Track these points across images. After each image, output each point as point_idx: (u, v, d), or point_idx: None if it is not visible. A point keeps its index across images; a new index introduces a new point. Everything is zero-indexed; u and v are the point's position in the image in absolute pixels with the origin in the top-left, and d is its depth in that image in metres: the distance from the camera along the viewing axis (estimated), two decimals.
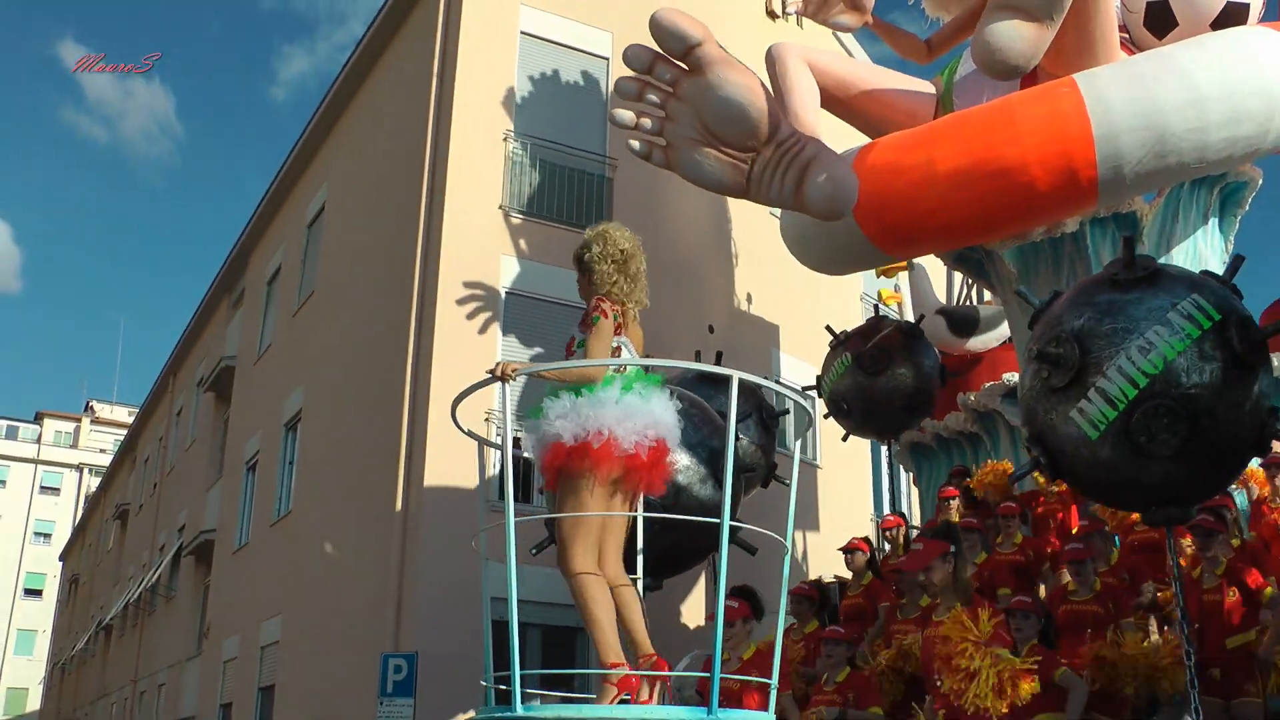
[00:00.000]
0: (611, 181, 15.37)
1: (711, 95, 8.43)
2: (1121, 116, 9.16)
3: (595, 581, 5.23)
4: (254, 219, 23.46)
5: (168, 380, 33.47)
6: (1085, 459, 6.57)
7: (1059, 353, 6.54)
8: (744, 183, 8.96)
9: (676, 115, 8.69)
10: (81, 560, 49.20)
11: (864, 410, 12.41)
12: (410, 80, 16.12)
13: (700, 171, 8.95)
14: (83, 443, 70.09)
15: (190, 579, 25.63)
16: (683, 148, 8.85)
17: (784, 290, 17.08)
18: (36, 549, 65.67)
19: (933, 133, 10.17)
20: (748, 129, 8.58)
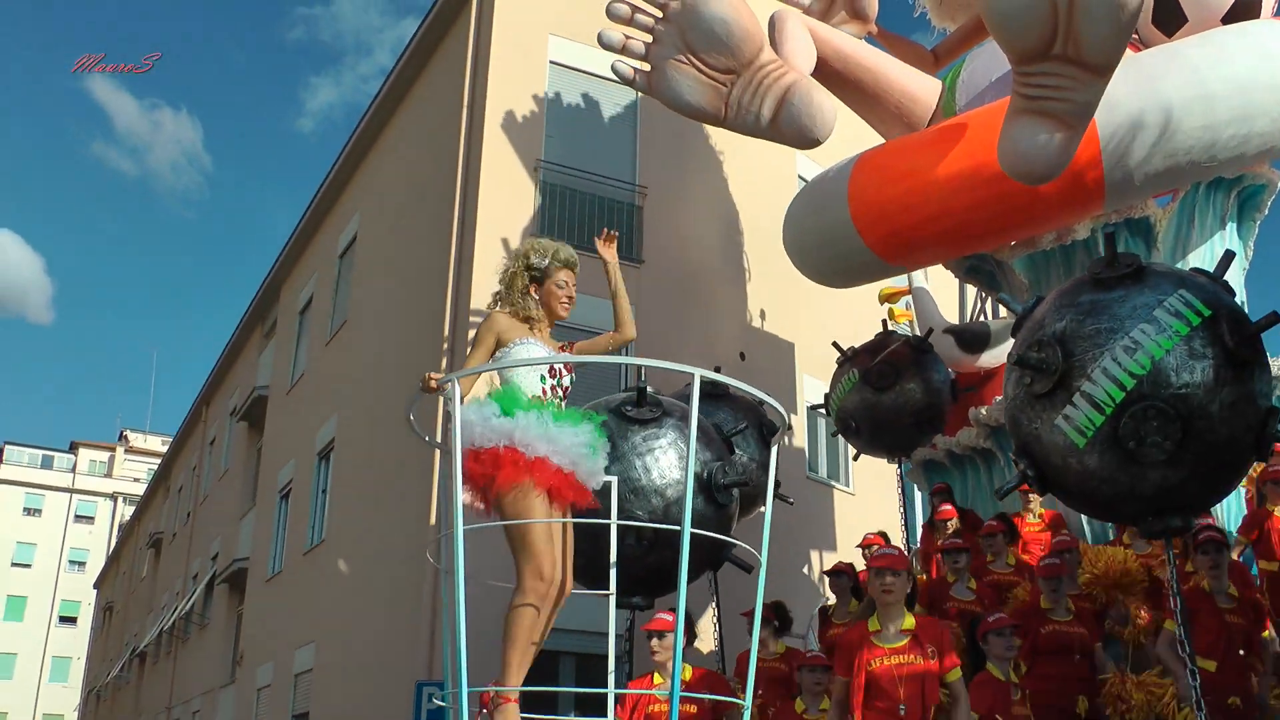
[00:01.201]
0: (641, 210, 15.43)
1: (697, 12, 8.35)
2: (1127, 114, 8.87)
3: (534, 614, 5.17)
4: (286, 249, 23.64)
5: (201, 410, 33.69)
6: (1074, 469, 6.27)
7: (1041, 357, 6.27)
8: (722, 106, 8.77)
9: (662, 38, 8.60)
10: (115, 588, 49.47)
11: (872, 427, 12.12)
12: (440, 110, 16.24)
13: (681, 94, 8.78)
14: (117, 472, 70.56)
15: (223, 607, 25.74)
16: (666, 69, 8.71)
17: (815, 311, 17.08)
18: (71, 577, 66.06)
19: (934, 137, 9.90)
20: (731, 47, 8.46)
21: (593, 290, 14.15)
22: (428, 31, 17.03)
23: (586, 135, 15.52)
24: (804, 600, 13.11)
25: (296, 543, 19.82)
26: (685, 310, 15.37)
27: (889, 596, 6.31)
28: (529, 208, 14.63)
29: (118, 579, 49.28)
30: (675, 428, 8.47)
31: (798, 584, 15.11)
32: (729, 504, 8.72)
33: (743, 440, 10.43)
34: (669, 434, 8.40)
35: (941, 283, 16.12)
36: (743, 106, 8.69)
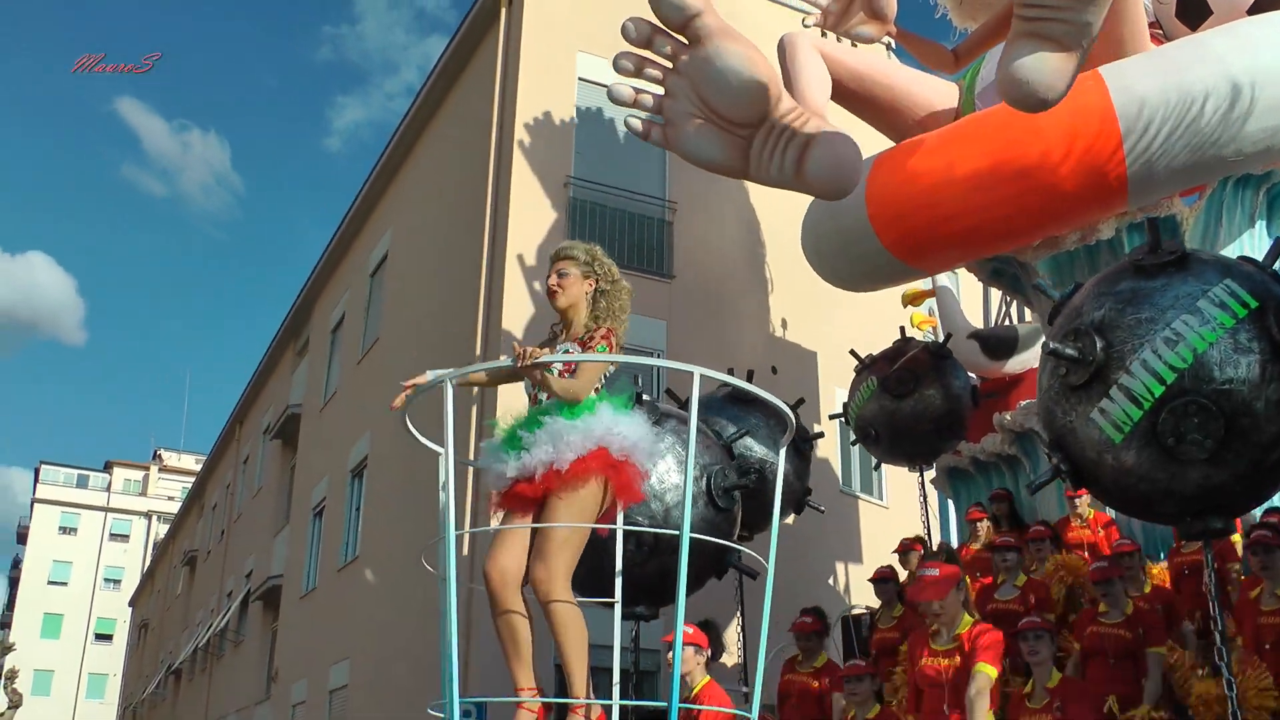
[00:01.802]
0: (671, 225, 15.47)
1: (709, 66, 7.97)
2: (1150, 108, 8.57)
3: (580, 616, 4.91)
4: (318, 268, 23.80)
5: (234, 428, 33.92)
6: (1110, 465, 5.98)
7: (1078, 347, 5.96)
8: (744, 160, 8.47)
9: (675, 91, 8.22)
10: (151, 605, 49.79)
11: (892, 435, 11.87)
12: (470, 128, 16.34)
13: (700, 149, 8.45)
14: (151, 491, 71.05)
15: (258, 624, 25.86)
16: (682, 125, 8.35)
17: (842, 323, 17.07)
18: (107, 594, 66.54)
19: (951, 134, 9.73)
20: (746, 100, 8.14)
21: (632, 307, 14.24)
22: (456, 50, 17.15)
23: (615, 151, 15.58)
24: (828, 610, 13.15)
25: (330, 560, 19.91)
26: (714, 323, 15.39)
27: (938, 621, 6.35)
28: (559, 225, 14.69)
29: (153, 596, 49.60)
30: (674, 432, 8.38)
31: (823, 594, 15.06)
32: (731, 508, 8.64)
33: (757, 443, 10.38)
34: (666, 438, 8.29)
35: (966, 287, 16.06)
36: (764, 160, 8.35)
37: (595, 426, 4.90)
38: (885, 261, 10.07)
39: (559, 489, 4.84)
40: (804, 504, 11.23)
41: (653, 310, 14.71)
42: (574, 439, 4.85)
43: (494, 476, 5.05)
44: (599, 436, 4.88)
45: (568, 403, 4.98)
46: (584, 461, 4.83)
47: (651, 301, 14.88)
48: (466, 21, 16.76)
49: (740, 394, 10.17)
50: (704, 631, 7.32)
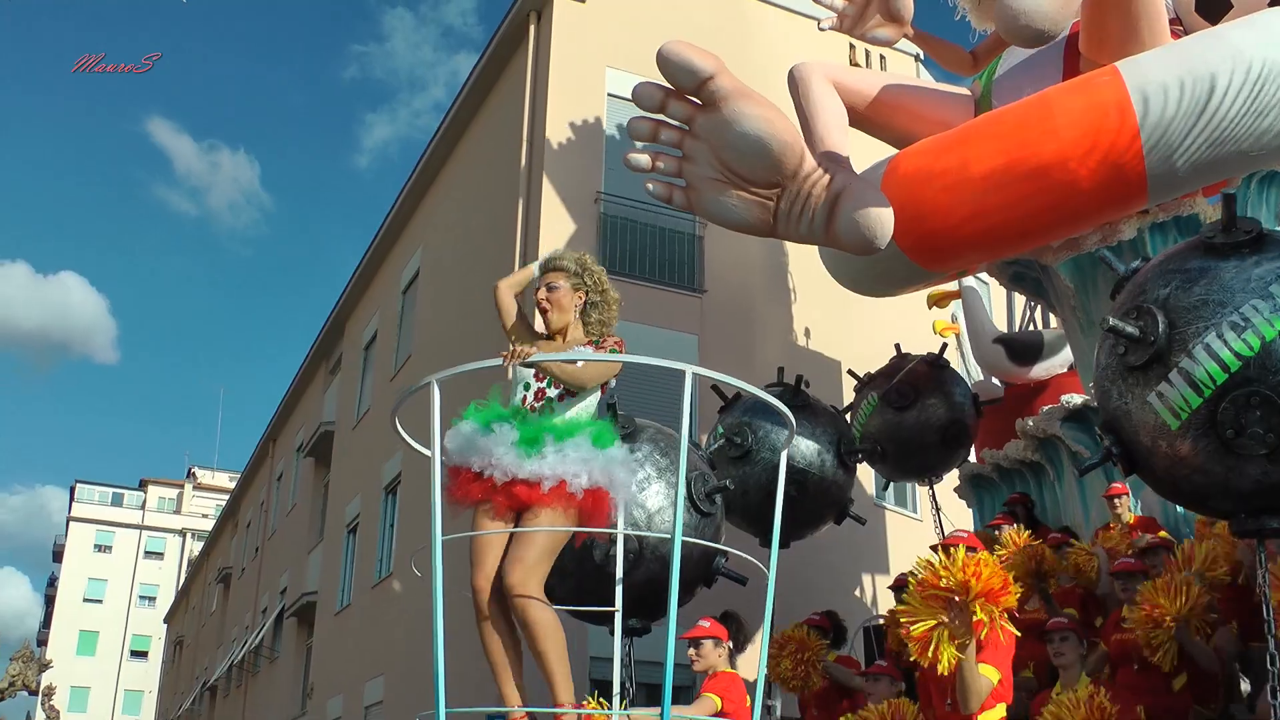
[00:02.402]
0: (702, 240, 15.48)
1: (729, 131, 7.81)
2: (1169, 102, 8.27)
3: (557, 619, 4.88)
4: (349, 286, 23.93)
5: (268, 446, 34.09)
6: (1164, 452, 5.68)
7: (1139, 325, 5.63)
8: (771, 221, 8.34)
9: (694, 155, 8.08)
10: (186, 623, 50.05)
11: (899, 449, 11.81)
12: (500, 145, 16.41)
13: (725, 212, 8.34)
14: (185, 508, 71.47)
15: (293, 640, 25.96)
16: (704, 189, 8.24)
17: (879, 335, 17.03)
18: (142, 612, 66.93)
19: (965, 134, 9.43)
20: (770, 164, 7.98)
21: (654, 320, 14.26)
22: (486, 67, 17.24)
23: None
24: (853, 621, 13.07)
25: (365, 576, 19.98)
26: (745, 337, 15.39)
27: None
28: (590, 240, 14.72)
29: (187, 613, 49.87)
30: (651, 441, 8.41)
31: (849, 604, 15.00)
32: (714, 512, 8.68)
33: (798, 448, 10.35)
34: (644, 447, 8.31)
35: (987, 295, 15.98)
36: (792, 219, 8.22)
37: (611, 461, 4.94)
38: (901, 265, 9.77)
39: (557, 504, 4.84)
40: (845, 513, 11.17)
41: (684, 325, 14.73)
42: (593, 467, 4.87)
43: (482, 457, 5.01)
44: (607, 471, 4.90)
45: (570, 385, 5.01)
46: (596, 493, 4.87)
47: (683, 316, 14.89)
48: (495, 38, 16.85)
49: (786, 401, 10.18)
50: (723, 624, 7.16)
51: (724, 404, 10.96)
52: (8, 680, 28.79)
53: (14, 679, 28.95)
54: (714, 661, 6.86)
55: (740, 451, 10.42)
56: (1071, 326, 10.82)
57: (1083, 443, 10.25)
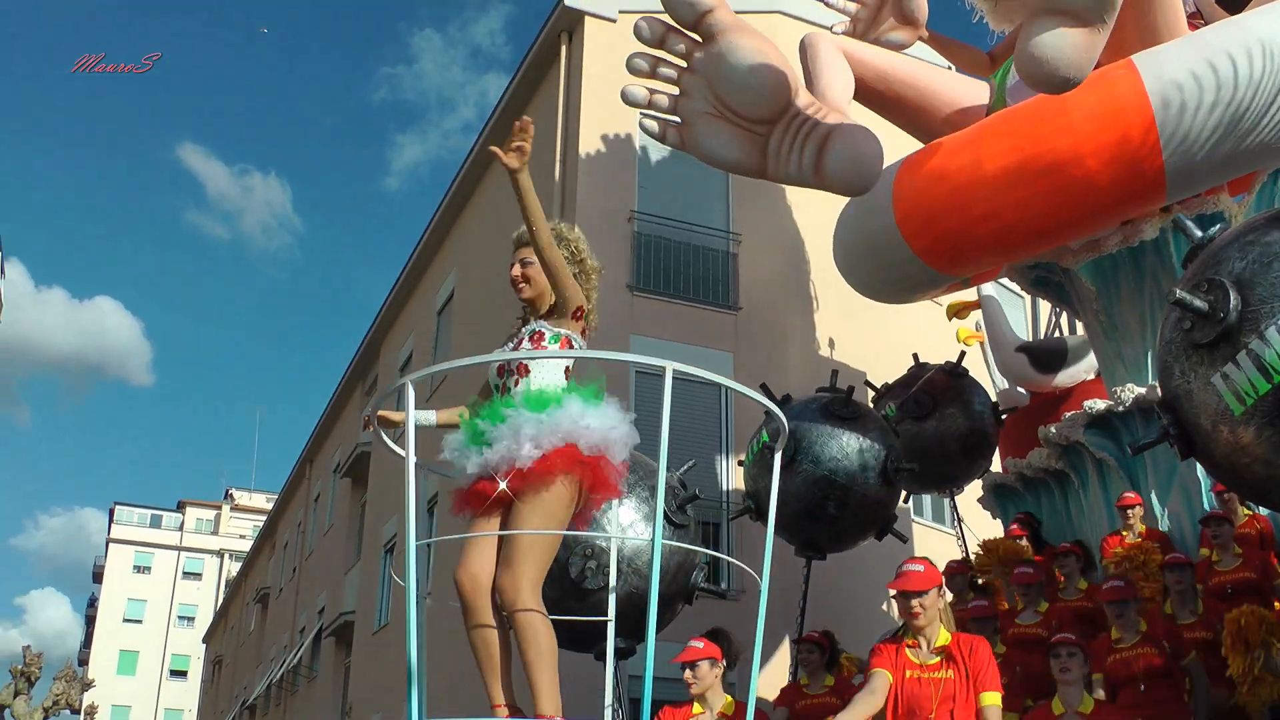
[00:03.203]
0: (736, 257, 15.52)
1: (723, 63, 7.76)
2: (1187, 94, 7.96)
3: (549, 627, 4.52)
4: (384, 307, 24.09)
5: (305, 467, 34.28)
6: (1225, 438, 5.31)
7: (1208, 299, 5.22)
8: (761, 158, 8.17)
9: (690, 90, 8.01)
10: (224, 642, 50.34)
11: (918, 459, 11.27)
12: (533, 165, 16.38)
13: (715, 148, 8.19)
14: (223, 529, 71.93)
15: (331, 660, 26.07)
16: (697, 124, 8.13)
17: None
18: (180, 632, 67.36)
19: (979, 132, 9.15)
20: (761, 95, 7.88)
21: (688, 338, 14.29)
22: (518, 88, 17.36)
23: (679, 185, 15.67)
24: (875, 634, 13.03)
25: (402, 595, 20.01)
26: (782, 352, 15.39)
27: (916, 620, 5.74)
28: (624, 259, 14.80)
29: (226, 633, 50.15)
30: None
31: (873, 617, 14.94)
32: (688, 525, 8.41)
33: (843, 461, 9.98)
34: None
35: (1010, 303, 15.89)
36: (782, 157, 8.08)
37: (562, 421, 4.56)
38: (916, 269, 9.54)
39: (523, 490, 4.48)
40: (888, 530, 10.72)
41: (719, 342, 14.76)
42: (539, 434, 4.51)
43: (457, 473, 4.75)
44: (565, 432, 4.52)
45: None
46: (549, 459, 4.48)
47: (717, 333, 14.92)
48: (527, 59, 16.98)
49: (836, 410, 10.01)
50: (715, 642, 6.73)
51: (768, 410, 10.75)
52: (51, 699, 29.08)
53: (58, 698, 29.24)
54: (711, 683, 6.50)
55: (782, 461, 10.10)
56: (1094, 331, 10.59)
57: (1106, 449, 10.01)
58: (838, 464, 9.79)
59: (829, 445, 9.83)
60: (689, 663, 6.53)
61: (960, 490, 12.61)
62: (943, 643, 5.70)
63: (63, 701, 29.64)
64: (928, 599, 5.71)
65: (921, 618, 5.70)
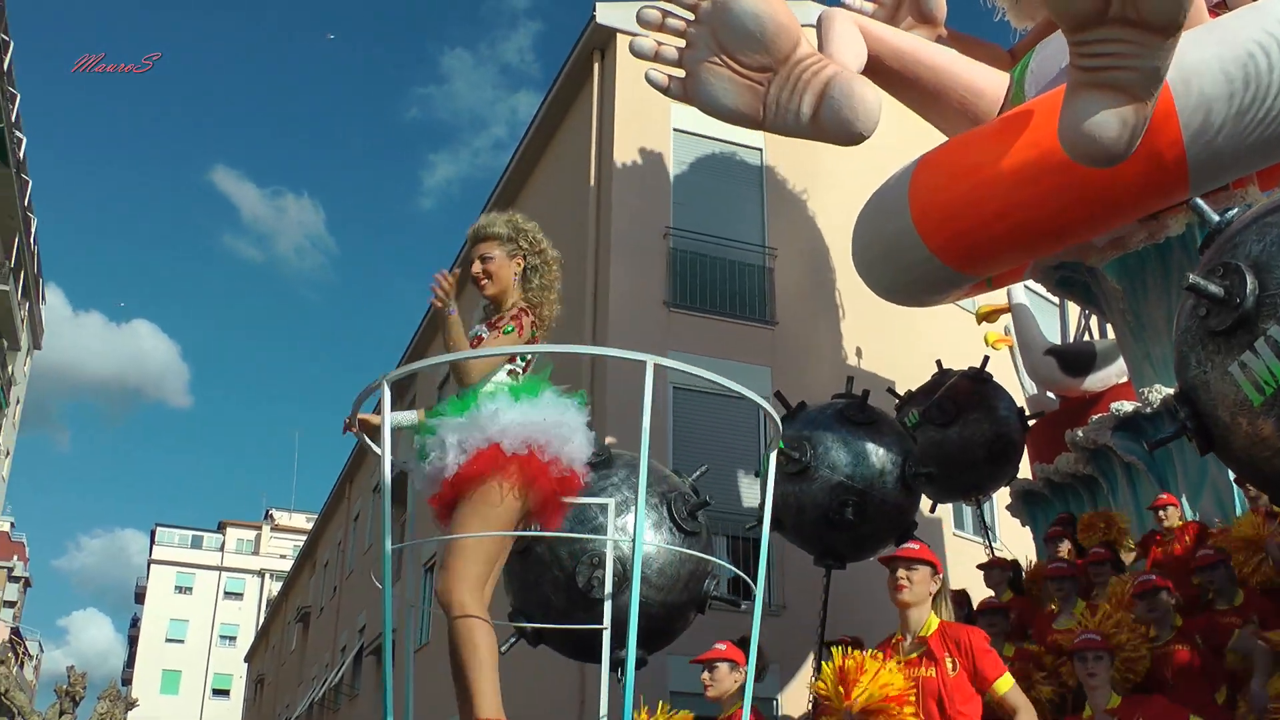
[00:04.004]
0: (772, 271, 15.49)
1: (727, 8, 7.81)
2: (1209, 83, 7.67)
3: (486, 629, 4.43)
4: (422, 326, 24.19)
5: (344, 487, 34.41)
6: (1244, 430, 5.03)
7: (1224, 285, 4.96)
8: (759, 108, 8.12)
9: (696, 41, 8.08)
10: (266, 661, 50.57)
11: (943, 467, 11.10)
12: (568, 182, 16.56)
13: (716, 97, 8.19)
14: (264, 549, 72.34)
15: (372, 678, 26.14)
16: (700, 74, 8.16)
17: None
18: (222, 651, 67.74)
19: (995, 128, 8.91)
20: (764, 42, 7.87)
21: (725, 353, 14.27)
22: (551, 105, 17.43)
23: (714, 200, 15.68)
24: None
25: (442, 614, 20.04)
26: (818, 367, 15.35)
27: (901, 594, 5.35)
28: (660, 275, 14.80)
29: (268, 652, 50.38)
30: (627, 465, 7.92)
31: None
32: (699, 531, 8.14)
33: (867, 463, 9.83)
34: (619, 472, 7.81)
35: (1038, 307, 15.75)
36: (781, 105, 8.06)
37: (482, 421, 4.48)
38: (934, 269, 9.33)
39: (459, 496, 4.45)
40: (909, 536, 10.59)
41: (756, 357, 14.73)
42: (463, 438, 4.46)
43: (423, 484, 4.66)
44: (487, 432, 4.43)
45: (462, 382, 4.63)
46: (472, 463, 4.41)
47: (754, 348, 14.89)
48: (560, 77, 17.05)
49: (851, 415, 9.93)
50: (741, 649, 6.46)
51: (786, 414, 10.47)
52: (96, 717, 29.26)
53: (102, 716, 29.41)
54: (728, 687, 6.18)
55: (798, 468, 9.80)
56: (1121, 331, 10.38)
57: (1134, 452, 9.84)
58: (854, 469, 9.72)
59: (845, 451, 9.76)
60: (708, 663, 6.30)
61: (987, 498, 12.50)
62: (926, 632, 5.32)
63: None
64: (917, 573, 5.35)
65: (907, 591, 5.34)
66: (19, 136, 39.90)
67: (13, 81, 38.29)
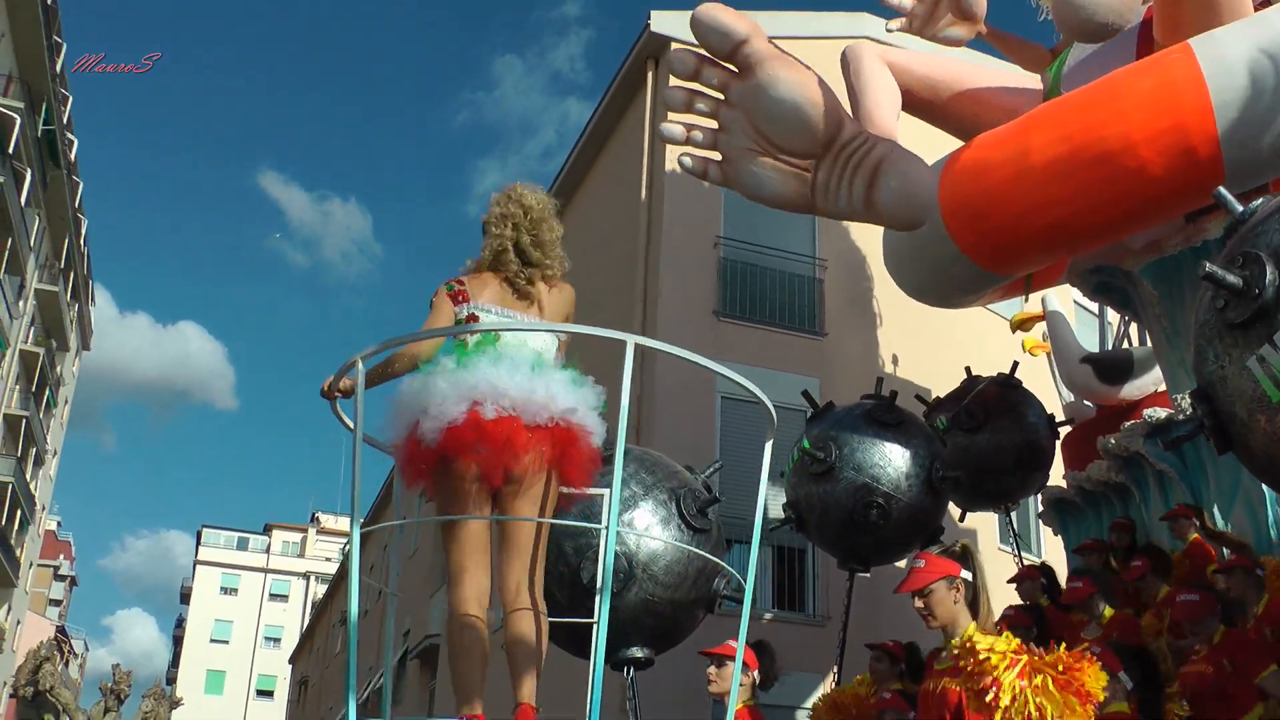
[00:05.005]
0: (823, 283, 15.43)
1: (763, 96, 7.44)
2: (1248, 79, 7.34)
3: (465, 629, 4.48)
4: None
5: (390, 492, 34.59)
6: (1262, 429, 4.78)
7: (1243, 275, 4.70)
8: (809, 194, 7.85)
9: (729, 125, 7.74)
10: (310, 663, 50.87)
11: (973, 474, 10.79)
12: (619, 190, 16.59)
13: (760, 185, 7.91)
14: (309, 552, 72.88)
15: (416, 682, 26.24)
16: (739, 160, 7.86)
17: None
18: (267, 653, 68.29)
19: (1028, 122, 8.51)
20: (806, 131, 7.55)
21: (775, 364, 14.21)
22: (604, 112, 17.48)
23: (765, 210, 15.51)
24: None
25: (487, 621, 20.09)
26: (868, 378, 15.22)
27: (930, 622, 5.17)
28: (710, 284, 14.80)
29: (312, 654, 50.69)
30: (636, 460, 7.75)
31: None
32: (709, 529, 7.76)
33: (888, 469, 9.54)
34: (629, 466, 7.55)
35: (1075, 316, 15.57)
36: (831, 191, 7.79)
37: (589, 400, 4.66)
38: (964, 268, 9.00)
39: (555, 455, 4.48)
40: (935, 540, 9.95)
41: (805, 368, 14.67)
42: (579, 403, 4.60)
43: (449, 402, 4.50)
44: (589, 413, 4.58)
45: None
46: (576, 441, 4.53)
47: (804, 359, 14.84)
48: (613, 85, 17.08)
49: (878, 416, 9.70)
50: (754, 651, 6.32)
51: (812, 414, 10.22)
52: (140, 715, 29.57)
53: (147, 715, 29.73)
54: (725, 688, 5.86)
55: (823, 468, 9.56)
56: (1157, 337, 10.06)
57: (1167, 460, 9.54)
58: (880, 471, 9.44)
59: (871, 452, 9.49)
60: (717, 657, 6.11)
61: (1016, 506, 12.23)
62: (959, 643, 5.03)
63: (151, 718, 30.10)
64: (934, 596, 5.13)
65: (933, 620, 5.13)
66: (70, 138, 40.48)
67: (65, 84, 38.84)
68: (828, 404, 10.29)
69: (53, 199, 39.59)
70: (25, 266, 36.91)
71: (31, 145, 34.36)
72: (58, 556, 67.01)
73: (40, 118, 34.89)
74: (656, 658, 7.74)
